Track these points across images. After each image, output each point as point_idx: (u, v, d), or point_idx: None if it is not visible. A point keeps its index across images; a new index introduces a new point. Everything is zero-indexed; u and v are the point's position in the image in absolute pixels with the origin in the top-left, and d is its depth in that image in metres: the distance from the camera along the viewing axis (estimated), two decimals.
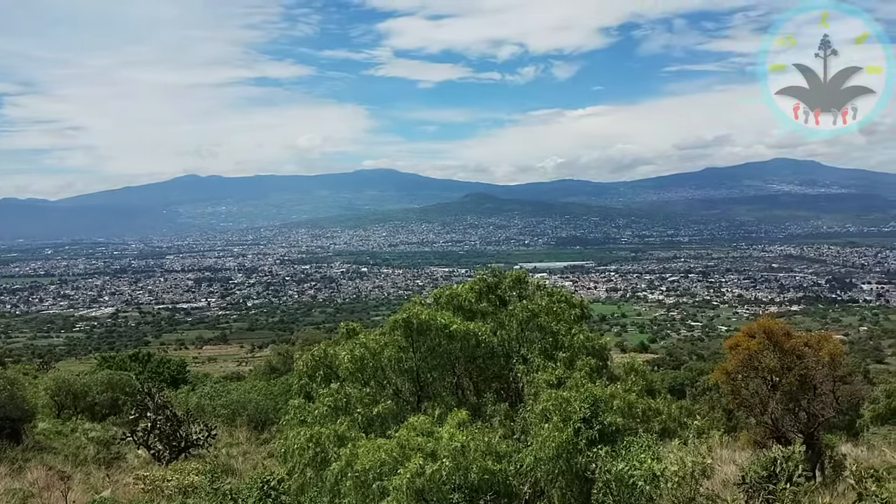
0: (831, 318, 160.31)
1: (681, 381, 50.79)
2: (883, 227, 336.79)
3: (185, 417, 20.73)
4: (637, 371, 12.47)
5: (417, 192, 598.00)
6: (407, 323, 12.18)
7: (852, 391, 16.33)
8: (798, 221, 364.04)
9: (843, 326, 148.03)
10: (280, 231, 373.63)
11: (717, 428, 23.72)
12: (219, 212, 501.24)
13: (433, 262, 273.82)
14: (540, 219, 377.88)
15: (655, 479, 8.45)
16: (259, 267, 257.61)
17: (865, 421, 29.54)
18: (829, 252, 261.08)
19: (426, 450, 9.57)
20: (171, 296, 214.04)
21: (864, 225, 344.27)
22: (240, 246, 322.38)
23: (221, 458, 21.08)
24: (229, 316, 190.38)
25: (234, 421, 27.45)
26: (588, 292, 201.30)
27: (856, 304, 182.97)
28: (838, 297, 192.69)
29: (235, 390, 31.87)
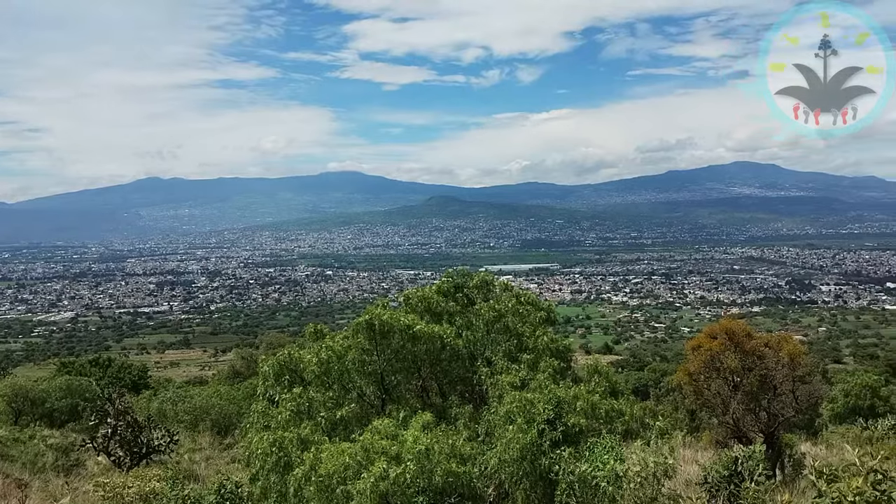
0: (791, 319, 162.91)
1: (644, 382, 51.32)
2: (840, 229, 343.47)
3: (146, 423, 20.39)
4: (601, 372, 12.53)
5: (382, 195, 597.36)
6: (370, 325, 12.12)
7: (811, 391, 16.53)
8: (758, 224, 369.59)
9: (802, 327, 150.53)
10: (244, 234, 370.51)
11: (680, 428, 23.98)
12: (181, 214, 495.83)
13: (399, 264, 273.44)
14: (505, 221, 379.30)
15: (618, 480, 8.50)
16: (222, 270, 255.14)
17: (824, 420, 30.02)
18: (789, 254, 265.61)
19: (390, 453, 9.54)
20: (132, 300, 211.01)
21: (823, 227, 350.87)
22: (203, 249, 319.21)
23: (184, 463, 20.81)
24: (192, 320, 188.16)
25: (197, 426, 27.11)
26: (553, 294, 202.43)
27: (815, 305, 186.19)
28: (798, 298, 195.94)
29: (198, 395, 31.47)
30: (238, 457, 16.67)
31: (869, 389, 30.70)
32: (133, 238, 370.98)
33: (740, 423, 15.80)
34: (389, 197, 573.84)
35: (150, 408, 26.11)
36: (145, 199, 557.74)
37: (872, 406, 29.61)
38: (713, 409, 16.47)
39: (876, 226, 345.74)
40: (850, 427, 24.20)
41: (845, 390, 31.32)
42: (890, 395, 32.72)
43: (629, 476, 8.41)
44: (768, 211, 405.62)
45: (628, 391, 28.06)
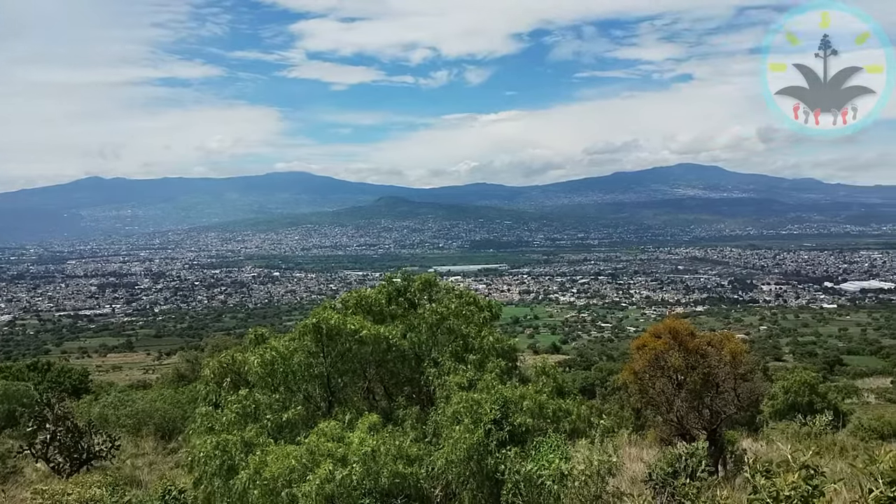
0: (733, 318, 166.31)
1: (591, 382, 51.93)
2: (781, 230, 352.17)
3: (87, 428, 19.90)
4: (547, 372, 12.60)
5: (331, 195, 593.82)
6: (316, 328, 12.00)
7: (752, 388, 16.85)
8: (702, 224, 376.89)
9: (744, 326, 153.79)
10: (189, 235, 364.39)
11: (625, 426, 24.27)
12: (124, 215, 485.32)
13: (347, 265, 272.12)
14: (454, 222, 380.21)
15: (563, 479, 8.56)
16: (167, 272, 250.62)
17: (765, 416, 30.69)
18: (732, 254, 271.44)
19: (336, 455, 9.46)
20: (72, 302, 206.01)
21: (764, 228, 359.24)
22: (146, 250, 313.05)
23: (126, 469, 20.38)
24: (135, 322, 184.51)
25: (140, 431, 26.56)
26: (501, 295, 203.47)
27: (756, 304, 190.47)
28: (740, 297, 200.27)
29: (141, 399, 30.81)
30: (182, 461, 16.37)
31: (807, 386, 31.44)
32: (74, 239, 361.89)
33: (684, 421, 16.03)
34: (338, 197, 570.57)
35: (90, 413, 25.45)
36: (86, 200, 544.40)
37: (811, 402, 30.34)
38: (658, 407, 16.67)
39: (814, 227, 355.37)
40: (790, 423, 24.76)
41: (785, 387, 32.02)
42: (827, 391, 33.60)
43: (574, 474, 8.48)
44: (711, 212, 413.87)
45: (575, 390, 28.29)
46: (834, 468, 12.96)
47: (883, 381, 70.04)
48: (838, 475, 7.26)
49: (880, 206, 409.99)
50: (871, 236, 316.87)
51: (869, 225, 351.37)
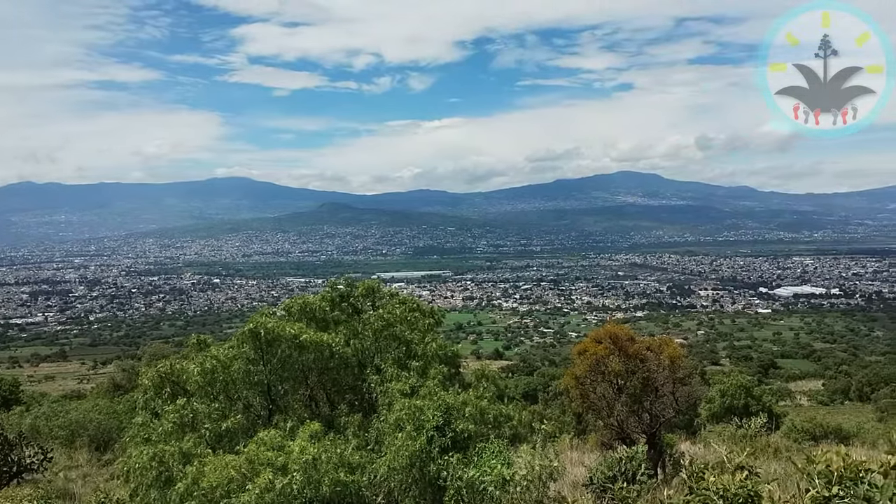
0: (672, 323, 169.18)
1: (534, 387, 52.28)
2: (717, 236, 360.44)
3: (17, 440, 19.28)
4: (488, 377, 12.63)
5: (272, 201, 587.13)
6: (255, 334, 11.82)
7: (690, 392, 17.16)
8: (642, 231, 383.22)
9: (682, 331, 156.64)
10: (126, 241, 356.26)
11: (567, 431, 24.49)
12: (57, 221, 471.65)
13: (289, 272, 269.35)
14: (397, 228, 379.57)
15: (505, 484, 8.58)
16: (102, 279, 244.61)
17: (702, 419, 31.30)
18: (670, 260, 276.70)
19: (276, 464, 9.31)
20: (2, 310, 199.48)
21: (701, 235, 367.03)
22: (81, 257, 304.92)
23: (58, 482, 19.78)
24: (69, 331, 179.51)
25: (74, 442, 25.81)
26: (445, 301, 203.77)
27: (694, 309, 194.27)
28: (678, 303, 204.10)
29: (75, 410, 29.98)
30: (117, 473, 15.93)
31: (743, 389, 32.13)
32: (4, 245, 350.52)
33: (624, 425, 16.22)
34: (279, 203, 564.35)
35: (21, 424, 24.64)
36: (18, 205, 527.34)
37: (746, 405, 31.01)
38: (599, 412, 16.83)
39: (749, 233, 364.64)
40: (727, 426, 25.28)
41: (721, 390, 32.67)
42: (762, 394, 34.39)
43: (516, 480, 8.50)
44: (651, 219, 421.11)
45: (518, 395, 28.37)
46: (769, 469, 13.27)
47: (814, 383, 72.13)
48: (773, 475, 7.42)
49: (812, 214, 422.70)
50: (803, 243, 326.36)
51: (801, 232, 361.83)
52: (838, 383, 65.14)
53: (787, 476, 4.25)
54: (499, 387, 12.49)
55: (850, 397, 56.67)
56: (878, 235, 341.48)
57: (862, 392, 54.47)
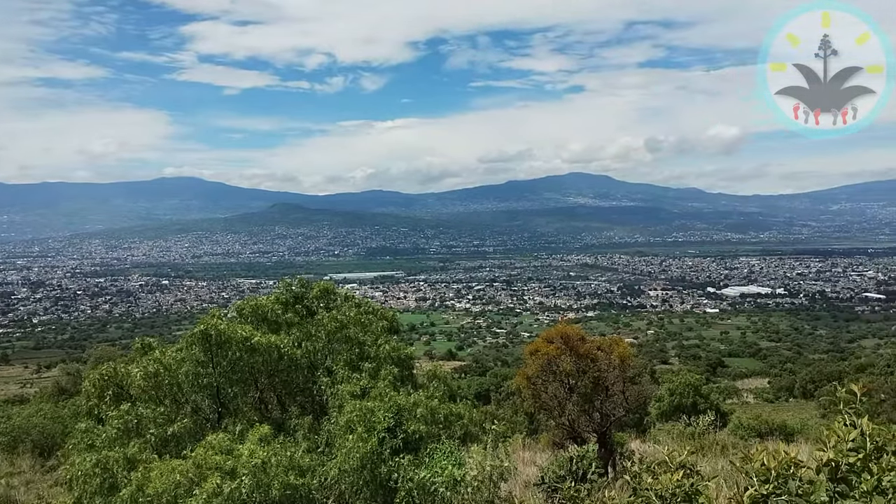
0: (623, 323, 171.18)
1: (486, 387, 52.43)
2: (667, 237, 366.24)
3: None
4: (440, 378, 12.62)
5: (222, 202, 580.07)
6: (205, 336, 11.64)
7: (640, 391, 17.34)
8: (593, 232, 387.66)
9: (633, 330, 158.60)
10: (71, 242, 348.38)
11: (519, 431, 24.61)
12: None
13: (239, 273, 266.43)
14: (350, 229, 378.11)
15: (456, 485, 8.58)
16: (47, 281, 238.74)
17: (652, 418, 31.72)
18: (621, 261, 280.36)
19: (225, 468, 9.17)
20: None
21: (651, 235, 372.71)
22: (24, 258, 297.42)
23: (0, 489, 19.30)
24: (11, 334, 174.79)
25: (16, 448, 25.17)
26: (398, 302, 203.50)
27: (644, 309, 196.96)
28: (629, 303, 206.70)
29: (17, 415, 29.22)
30: (61, 480, 15.58)
31: (692, 388, 32.65)
32: None
33: (575, 424, 16.32)
34: (230, 204, 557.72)
35: None
36: None
37: (695, 403, 31.52)
38: (550, 412, 16.91)
39: (698, 234, 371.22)
40: (675, 424, 25.67)
41: (671, 389, 33.15)
42: (710, 392, 35.03)
43: (467, 480, 8.51)
44: (602, 220, 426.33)
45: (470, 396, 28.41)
46: (716, 466, 13.49)
47: (760, 381, 73.54)
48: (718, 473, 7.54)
49: (758, 215, 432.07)
50: (749, 244, 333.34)
51: (748, 233, 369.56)
52: (783, 381, 66.53)
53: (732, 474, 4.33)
54: (451, 387, 12.50)
55: (794, 394, 57.93)
56: (821, 236, 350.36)
57: (806, 389, 55.71)
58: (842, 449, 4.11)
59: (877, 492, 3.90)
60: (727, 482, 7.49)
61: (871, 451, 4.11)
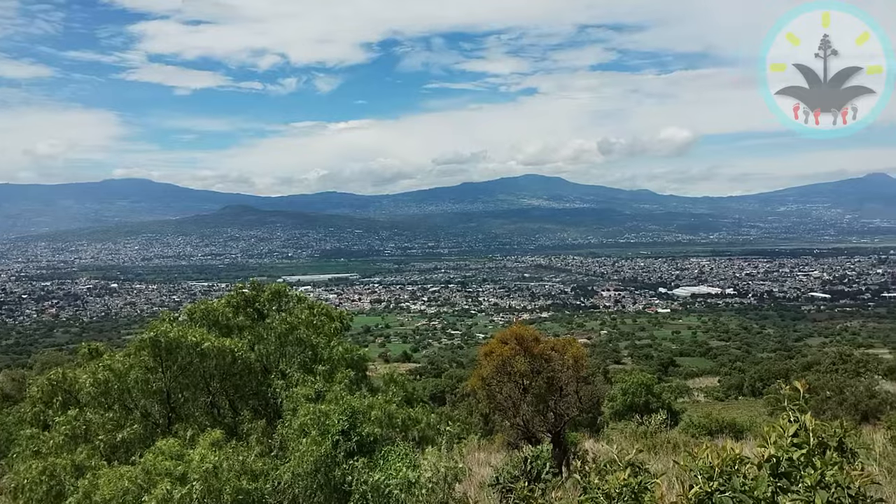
0: (576, 323, 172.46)
1: (442, 389, 52.49)
2: (619, 238, 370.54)
3: None
4: (396, 381, 12.61)
5: (173, 203, 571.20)
6: (154, 342, 11.47)
7: (594, 391, 17.53)
8: (547, 234, 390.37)
9: (586, 331, 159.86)
10: (15, 245, 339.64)
11: (474, 432, 24.68)
12: None
13: (191, 276, 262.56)
14: (304, 231, 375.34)
15: (410, 487, 8.58)
16: None
17: (605, 417, 32.06)
18: (574, 262, 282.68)
19: (175, 474, 9.05)
20: None
21: (604, 237, 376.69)
22: None
23: None
24: None
25: None
26: (353, 304, 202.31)
27: (597, 309, 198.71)
28: (582, 303, 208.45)
29: None
30: (5, 488, 15.17)
31: (644, 387, 33.11)
32: None
33: (530, 425, 16.41)
34: (181, 205, 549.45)
35: None
36: None
37: (647, 402, 31.96)
38: (505, 412, 16.98)
39: (649, 235, 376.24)
40: (628, 423, 25.99)
41: (623, 389, 33.56)
42: (662, 391, 35.53)
43: (421, 482, 8.51)
44: (555, 222, 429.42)
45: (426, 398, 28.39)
46: (667, 464, 13.69)
47: (711, 380, 74.65)
48: (670, 471, 7.64)
49: (708, 217, 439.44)
50: (700, 244, 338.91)
51: (698, 234, 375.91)
52: (732, 379, 67.63)
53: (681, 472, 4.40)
54: (406, 389, 12.49)
55: (743, 393, 58.96)
56: (768, 237, 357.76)
57: (754, 387, 56.74)
58: (783, 445, 4.21)
59: (820, 486, 4.00)
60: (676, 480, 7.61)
61: (814, 447, 4.21)
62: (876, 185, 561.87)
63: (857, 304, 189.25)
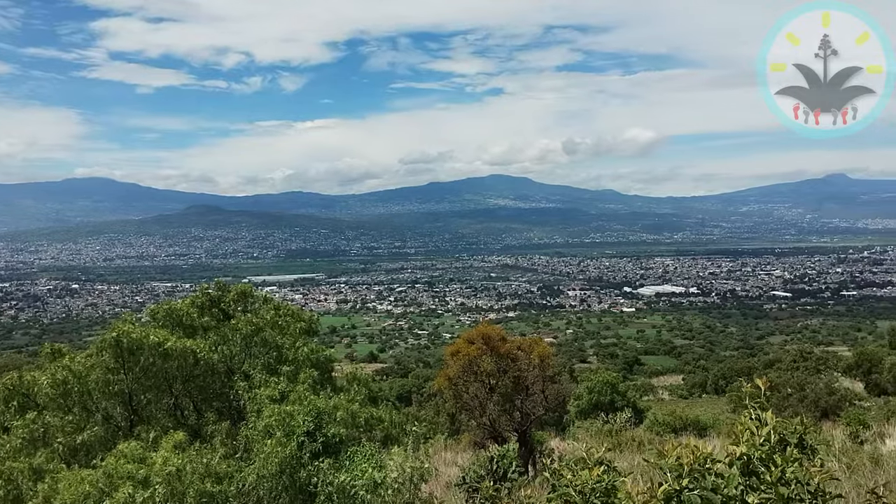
0: (542, 323, 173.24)
1: (408, 389, 52.42)
2: (584, 238, 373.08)
3: None
4: (360, 380, 12.53)
5: (136, 203, 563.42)
6: (116, 342, 11.27)
7: (559, 389, 17.59)
8: (513, 233, 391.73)
9: (552, 330, 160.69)
10: None
11: (441, 432, 24.65)
12: None
13: (154, 276, 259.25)
14: (269, 231, 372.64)
15: (376, 487, 8.52)
16: None
17: (571, 416, 32.24)
18: (540, 262, 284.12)
19: (137, 477, 8.89)
20: None
21: (569, 237, 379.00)
22: None
23: None
24: None
25: None
26: (319, 304, 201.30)
27: (563, 308, 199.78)
28: (548, 303, 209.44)
29: None
30: None
31: (609, 386, 33.36)
32: None
33: (496, 424, 16.44)
34: (144, 205, 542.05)
35: None
36: None
37: (612, 401, 32.20)
38: (472, 412, 16.99)
39: (614, 235, 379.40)
40: (594, 421, 26.15)
41: (589, 387, 33.78)
42: (627, 390, 35.85)
43: (387, 483, 8.46)
44: (521, 221, 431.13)
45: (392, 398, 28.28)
46: (632, 462, 13.77)
47: (675, 378, 75.40)
48: (635, 469, 7.68)
49: (672, 216, 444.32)
50: (664, 244, 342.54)
51: (662, 234, 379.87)
52: (696, 378, 68.40)
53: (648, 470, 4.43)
54: (371, 390, 12.42)
55: (706, 391, 59.65)
56: (731, 237, 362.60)
57: (717, 385, 57.43)
58: (754, 443, 4.24)
59: (781, 483, 4.03)
60: (643, 478, 7.65)
61: (775, 444, 4.24)
62: (835, 185, 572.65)
63: (817, 302, 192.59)
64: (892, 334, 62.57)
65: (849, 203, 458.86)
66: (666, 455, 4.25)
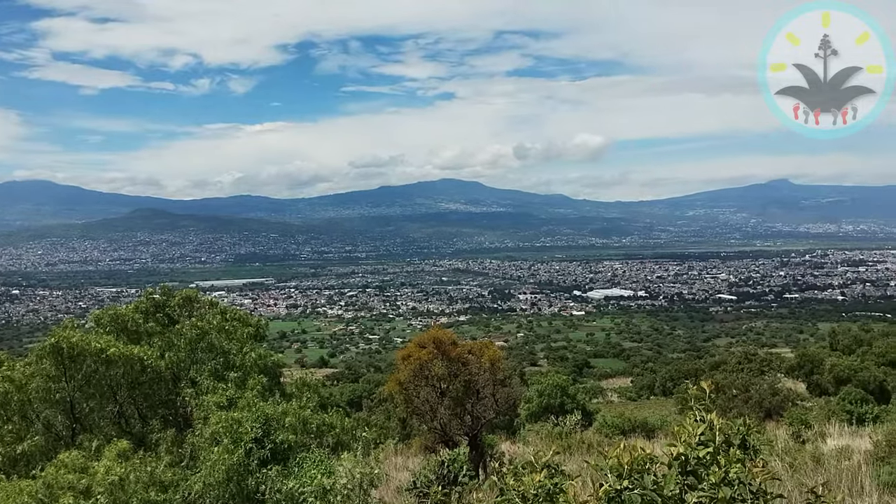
0: (493, 327, 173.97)
1: (359, 394, 52.14)
2: (535, 242, 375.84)
3: None
4: (310, 386, 12.44)
5: (79, 207, 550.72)
6: (56, 349, 11.01)
7: (510, 393, 17.68)
8: (464, 238, 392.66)
9: (503, 333, 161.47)
10: None
11: (392, 437, 24.57)
12: None
13: (99, 281, 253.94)
14: (217, 235, 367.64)
15: (325, 494, 8.46)
16: None
17: (522, 419, 32.39)
18: (492, 266, 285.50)
19: (78, 487, 8.70)
20: None
21: (520, 241, 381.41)
22: None
23: None
24: None
25: None
26: (268, 309, 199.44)
27: (514, 312, 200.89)
28: (499, 306, 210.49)
29: None
30: None
31: (559, 388, 33.56)
32: None
33: (447, 428, 16.44)
34: (87, 209, 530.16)
35: None
36: None
37: (562, 404, 32.41)
38: (423, 416, 16.98)
39: (564, 239, 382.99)
40: (544, 424, 26.33)
41: (539, 390, 33.94)
42: (577, 392, 36.12)
43: (336, 489, 8.41)
44: (473, 226, 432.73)
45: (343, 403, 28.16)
46: (581, 465, 13.90)
47: (624, 380, 76.41)
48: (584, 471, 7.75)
49: (620, 221, 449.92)
50: (613, 248, 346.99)
51: (611, 238, 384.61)
52: (644, 380, 69.41)
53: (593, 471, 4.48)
54: (321, 395, 12.34)
55: (655, 392, 60.55)
56: (678, 241, 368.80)
57: (665, 387, 58.35)
58: (691, 443, 4.32)
59: (724, 483, 4.11)
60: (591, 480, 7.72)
61: (719, 445, 4.33)
62: (778, 190, 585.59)
63: (761, 305, 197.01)
64: (833, 336, 64.14)
65: (791, 208, 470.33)
66: (608, 456, 4.32)
